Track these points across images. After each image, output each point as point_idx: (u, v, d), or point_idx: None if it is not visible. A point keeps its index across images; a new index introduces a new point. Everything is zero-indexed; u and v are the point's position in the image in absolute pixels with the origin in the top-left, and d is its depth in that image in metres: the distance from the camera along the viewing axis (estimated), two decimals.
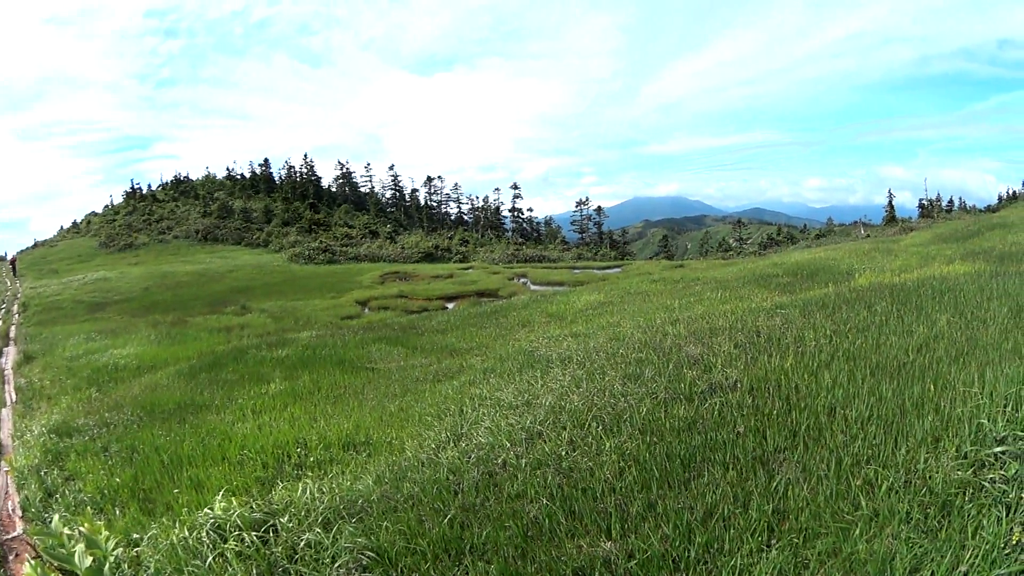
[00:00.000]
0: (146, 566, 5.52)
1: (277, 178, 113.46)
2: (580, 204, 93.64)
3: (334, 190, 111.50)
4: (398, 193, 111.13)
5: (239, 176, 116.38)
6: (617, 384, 7.93)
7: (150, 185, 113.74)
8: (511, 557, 4.73)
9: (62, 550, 5.12)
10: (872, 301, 10.93)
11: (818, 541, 4.33)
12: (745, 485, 5.09)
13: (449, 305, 37.88)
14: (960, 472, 4.60)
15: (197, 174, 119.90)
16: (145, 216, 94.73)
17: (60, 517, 6.02)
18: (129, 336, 26.24)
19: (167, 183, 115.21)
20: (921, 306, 10.11)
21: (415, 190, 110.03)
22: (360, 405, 11.30)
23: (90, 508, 7.72)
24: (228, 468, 8.39)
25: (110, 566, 5.28)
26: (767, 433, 5.89)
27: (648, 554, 4.46)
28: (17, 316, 36.66)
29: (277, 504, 6.03)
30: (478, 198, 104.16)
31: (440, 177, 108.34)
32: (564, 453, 6.23)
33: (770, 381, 7.15)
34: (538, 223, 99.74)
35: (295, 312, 35.93)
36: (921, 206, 77.77)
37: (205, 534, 5.58)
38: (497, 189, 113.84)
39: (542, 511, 5.21)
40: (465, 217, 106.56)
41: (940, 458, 4.84)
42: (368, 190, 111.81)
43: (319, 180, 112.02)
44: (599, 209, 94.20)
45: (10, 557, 7.11)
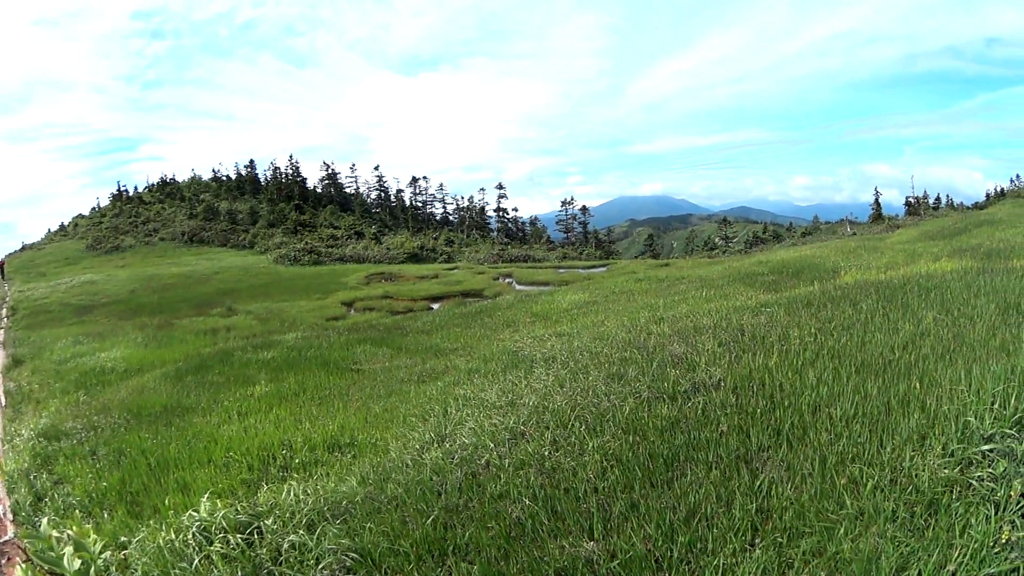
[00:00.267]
0: (133, 569, 5.52)
1: (263, 179, 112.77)
2: (565, 204, 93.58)
3: (320, 191, 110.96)
4: (383, 193, 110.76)
5: (225, 177, 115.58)
6: (600, 384, 7.88)
7: (136, 187, 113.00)
8: (494, 558, 4.71)
9: (51, 553, 5.18)
10: (857, 299, 10.90)
11: (802, 540, 4.28)
12: (728, 484, 5.03)
13: (434, 306, 37.70)
14: (947, 470, 4.53)
15: (183, 176, 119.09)
16: (131, 218, 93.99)
17: (49, 521, 6.04)
18: (116, 339, 26.18)
19: (153, 185, 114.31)
20: (907, 303, 10.09)
21: (400, 190, 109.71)
22: (345, 406, 11.31)
23: (79, 511, 7.72)
24: (214, 470, 8.46)
25: (97, 569, 5.33)
26: (751, 432, 5.82)
27: (631, 554, 4.42)
28: (6, 320, 36.34)
29: (262, 506, 6.01)
30: (463, 198, 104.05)
31: (425, 177, 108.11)
32: (547, 453, 6.21)
33: (754, 379, 7.10)
34: (523, 223, 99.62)
35: (281, 314, 35.71)
36: (908, 203, 78.01)
37: (191, 536, 5.56)
38: (482, 189, 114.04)
39: (525, 512, 5.18)
40: (450, 217, 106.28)
41: (926, 456, 4.78)
42: (353, 191, 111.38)
43: (304, 181, 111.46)
44: (584, 209, 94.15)
45: (2, 561, 7.07)
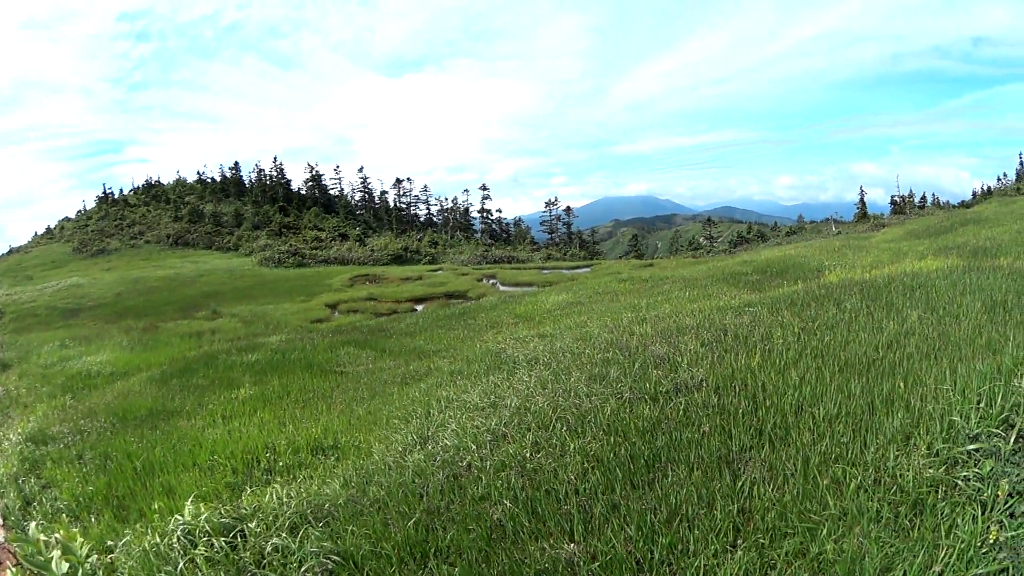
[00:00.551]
0: (120, 572, 5.55)
1: (247, 181, 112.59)
2: (549, 204, 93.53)
3: (304, 193, 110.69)
4: (367, 195, 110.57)
5: (210, 180, 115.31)
6: (582, 385, 7.84)
7: (122, 190, 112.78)
8: (475, 560, 4.70)
9: (40, 557, 5.20)
10: (842, 298, 10.90)
11: (785, 541, 4.24)
12: (710, 485, 4.98)
13: (418, 307, 37.88)
14: (932, 470, 4.48)
15: (168, 178, 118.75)
16: (117, 221, 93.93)
17: (37, 525, 6.09)
18: (102, 342, 26.39)
19: (139, 188, 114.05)
20: (892, 302, 10.09)
21: (384, 192, 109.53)
22: (329, 409, 11.32)
23: (66, 516, 7.86)
24: (198, 474, 8.47)
25: (84, 572, 5.37)
26: (733, 432, 5.78)
27: (611, 556, 4.39)
28: None
29: (245, 509, 5.98)
30: (447, 199, 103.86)
31: (409, 179, 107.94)
32: (528, 455, 6.18)
33: (736, 380, 7.06)
34: (507, 224, 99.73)
35: (265, 316, 35.87)
36: (893, 202, 78.48)
37: (176, 540, 5.56)
38: (466, 190, 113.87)
39: (506, 513, 5.17)
40: (434, 219, 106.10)
41: (911, 456, 4.74)
42: (338, 192, 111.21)
43: (289, 183, 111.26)
44: (568, 209, 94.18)
45: None
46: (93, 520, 7.62)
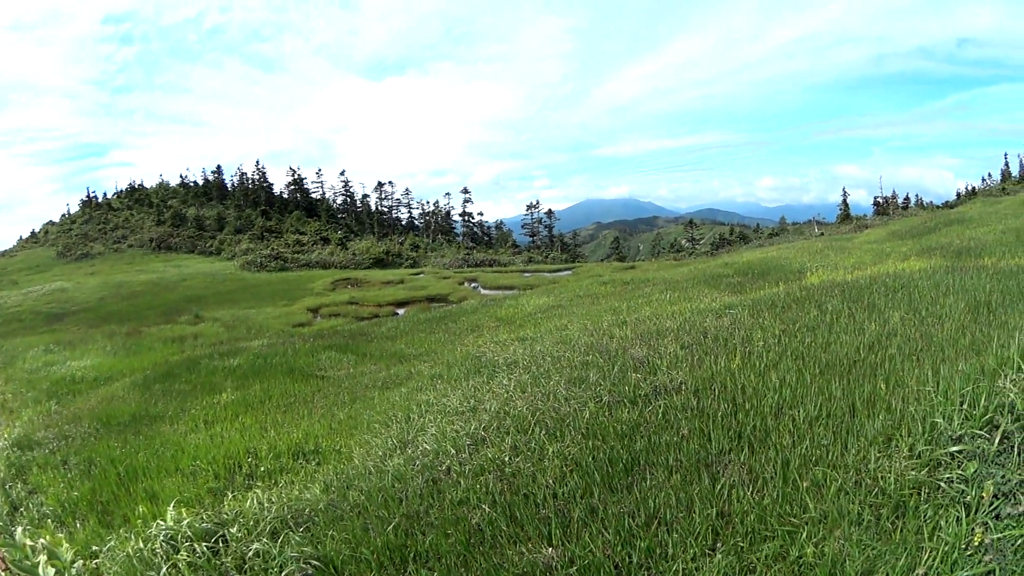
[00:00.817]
0: None
1: (229, 185, 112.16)
2: (531, 207, 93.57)
3: (286, 196, 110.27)
4: (349, 199, 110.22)
5: (192, 183, 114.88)
6: (562, 388, 7.80)
7: (106, 193, 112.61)
8: (454, 564, 4.72)
9: (27, 562, 5.18)
10: (823, 299, 10.90)
11: (764, 545, 4.21)
12: (689, 489, 4.93)
13: (400, 311, 37.94)
14: (914, 472, 4.43)
15: (152, 182, 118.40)
16: (100, 225, 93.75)
17: (24, 530, 6.05)
18: (86, 347, 26.47)
19: (122, 191, 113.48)
20: (873, 303, 10.10)
21: (366, 195, 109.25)
22: (310, 414, 11.30)
23: (52, 521, 7.90)
24: (181, 479, 8.47)
25: None
26: (712, 435, 5.74)
27: (589, 560, 4.38)
28: None
29: (227, 514, 5.98)
30: (429, 203, 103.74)
31: (391, 182, 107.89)
32: (507, 459, 6.16)
33: (716, 382, 7.03)
34: (489, 227, 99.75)
35: (247, 320, 35.91)
36: (876, 203, 78.97)
37: (159, 545, 5.57)
38: (448, 194, 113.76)
39: (484, 518, 5.15)
40: (416, 222, 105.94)
41: (892, 458, 4.69)
42: (319, 196, 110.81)
43: (271, 187, 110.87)
44: (550, 212, 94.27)
45: None
46: (79, 526, 7.63)
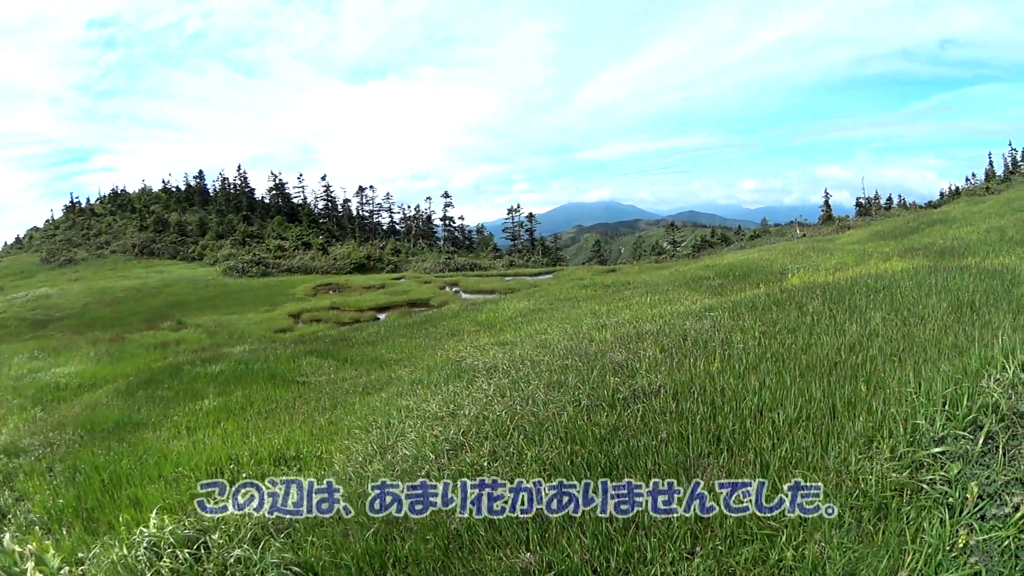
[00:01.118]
0: None
1: (211, 190, 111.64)
2: (512, 211, 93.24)
3: (267, 201, 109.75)
4: (331, 204, 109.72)
5: (174, 189, 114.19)
6: (541, 392, 7.75)
7: (89, 199, 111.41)
8: (432, 570, 4.77)
9: (16, 568, 5.32)
10: (804, 301, 10.85)
11: (744, 548, 4.19)
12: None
13: (381, 316, 37.93)
14: (896, 474, 4.39)
15: (134, 187, 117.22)
16: (84, 231, 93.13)
17: (12, 537, 6.16)
18: (71, 354, 26.62)
19: (105, 197, 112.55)
20: (855, 305, 10.05)
21: (347, 200, 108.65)
22: (291, 420, 11.32)
23: (39, 528, 7.94)
24: (164, 486, 8.49)
25: None
26: (690, 439, 5.68)
27: (567, 565, 4.39)
28: None
29: (208, 521, 5.96)
30: (410, 207, 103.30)
31: (372, 187, 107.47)
32: (486, 464, 6.18)
33: (695, 385, 6.98)
34: (470, 231, 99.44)
35: (229, 326, 35.93)
36: (859, 204, 79.18)
37: (142, 552, 5.59)
38: (429, 198, 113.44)
39: (462, 523, 5.15)
40: (397, 227, 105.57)
41: (874, 460, 4.66)
42: (301, 201, 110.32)
43: (253, 191, 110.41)
44: (531, 216, 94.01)
45: None
46: (65, 533, 7.65)
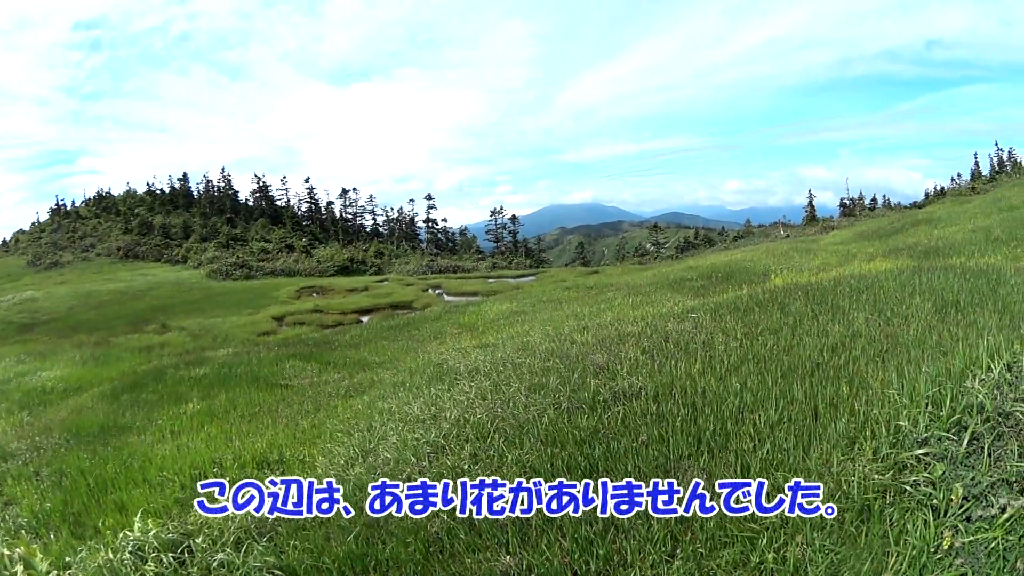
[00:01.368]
0: None
1: (195, 192, 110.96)
2: (495, 213, 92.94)
3: (251, 204, 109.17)
4: (314, 206, 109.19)
5: (159, 191, 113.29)
6: (521, 395, 7.75)
7: (74, 201, 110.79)
8: (413, 573, 4.78)
9: (5, 572, 5.33)
10: (786, 302, 10.85)
11: (724, 551, 4.17)
12: None
13: (364, 319, 37.83)
14: (879, 475, 4.36)
15: (119, 189, 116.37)
16: (69, 233, 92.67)
17: (1, 541, 6.37)
18: (56, 358, 26.56)
19: (90, 199, 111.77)
20: (838, 305, 10.06)
21: (331, 202, 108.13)
22: (274, 423, 11.31)
23: (27, 532, 7.81)
24: (148, 490, 8.54)
25: None
26: (671, 441, 5.66)
27: (547, 568, 4.38)
28: None
29: (193, 525, 6.00)
30: (393, 209, 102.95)
31: (355, 189, 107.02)
32: (467, 467, 6.15)
33: (676, 387, 6.96)
34: (453, 233, 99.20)
35: (213, 330, 35.89)
36: (843, 205, 79.12)
37: (127, 556, 5.56)
38: (412, 200, 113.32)
39: (443, 527, 5.14)
40: (380, 229, 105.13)
41: (856, 461, 4.63)
42: (284, 203, 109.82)
43: (236, 194, 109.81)
44: (514, 218, 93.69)
45: None
46: (52, 537, 7.64)
